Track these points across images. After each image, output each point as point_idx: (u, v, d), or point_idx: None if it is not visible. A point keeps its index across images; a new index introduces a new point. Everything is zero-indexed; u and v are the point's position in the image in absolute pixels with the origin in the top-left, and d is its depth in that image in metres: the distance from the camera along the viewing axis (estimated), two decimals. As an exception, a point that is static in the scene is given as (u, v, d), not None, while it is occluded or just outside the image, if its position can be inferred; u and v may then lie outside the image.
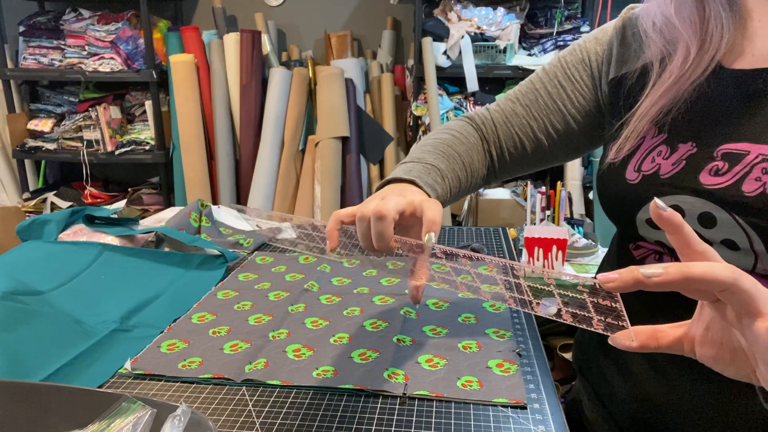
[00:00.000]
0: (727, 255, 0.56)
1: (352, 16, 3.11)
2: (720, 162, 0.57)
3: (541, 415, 0.74)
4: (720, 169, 0.57)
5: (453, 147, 0.77)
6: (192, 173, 2.78)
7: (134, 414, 0.62)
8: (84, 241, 1.24)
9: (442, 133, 0.80)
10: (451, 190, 0.74)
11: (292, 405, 0.76)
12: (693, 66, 0.62)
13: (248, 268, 1.25)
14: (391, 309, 1.03)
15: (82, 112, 2.94)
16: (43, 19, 2.93)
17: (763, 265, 0.55)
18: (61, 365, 0.83)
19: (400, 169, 0.72)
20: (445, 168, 0.73)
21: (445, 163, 0.74)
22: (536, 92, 0.80)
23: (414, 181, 0.69)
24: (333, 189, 2.69)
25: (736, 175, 0.56)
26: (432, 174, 0.71)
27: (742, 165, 0.56)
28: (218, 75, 2.82)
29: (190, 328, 0.97)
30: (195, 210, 1.44)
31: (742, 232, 0.55)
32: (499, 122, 0.82)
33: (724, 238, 0.57)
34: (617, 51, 0.73)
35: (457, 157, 0.77)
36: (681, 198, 0.59)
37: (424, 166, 0.72)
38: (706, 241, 0.55)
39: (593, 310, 0.46)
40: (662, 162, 0.62)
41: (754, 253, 0.55)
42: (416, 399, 0.77)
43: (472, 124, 0.83)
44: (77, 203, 3.00)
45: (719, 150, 0.58)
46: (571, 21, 2.67)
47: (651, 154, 0.64)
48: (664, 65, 0.65)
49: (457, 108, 2.65)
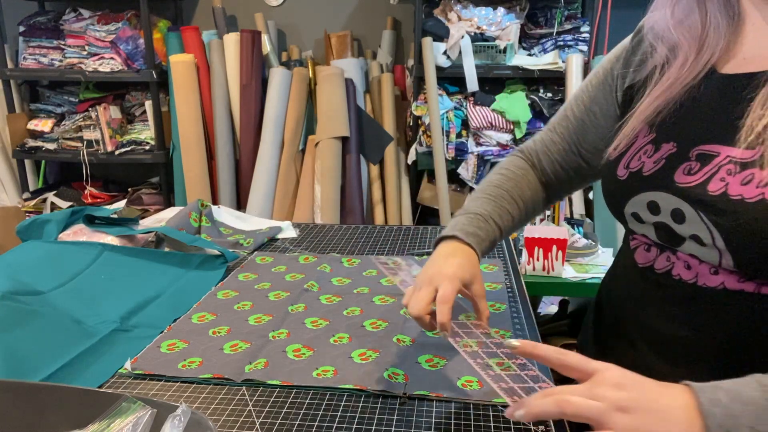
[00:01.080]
0: (697, 249, 0.60)
1: (352, 16, 3.11)
2: (694, 162, 0.61)
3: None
4: (693, 169, 0.61)
5: (500, 186, 0.86)
6: (192, 173, 2.78)
7: (134, 414, 0.62)
8: (84, 241, 1.24)
9: (493, 175, 0.89)
10: (502, 226, 0.83)
11: (292, 405, 0.76)
12: (689, 70, 0.65)
13: (248, 268, 1.25)
14: (391, 309, 1.03)
15: (82, 112, 2.94)
16: (43, 19, 2.93)
17: (726, 261, 0.58)
18: (61, 365, 0.83)
19: (449, 225, 0.83)
20: (490, 210, 0.82)
21: (491, 205, 0.83)
22: (567, 118, 0.86)
23: (455, 235, 0.79)
24: (333, 189, 2.69)
25: (705, 175, 0.59)
26: (474, 222, 0.81)
27: (711, 165, 0.59)
28: (218, 75, 2.82)
29: (190, 328, 0.97)
30: (195, 210, 1.44)
31: (706, 229, 0.58)
32: (541, 151, 0.90)
33: (692, 233, 0.60)
34: (630, 61, 0.77)
35: (505, 194, 0.85)
36: (658, 194, 0.63)
37: (467, 216, 0.82)
38: (679, 235, 0.61)
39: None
40: (646, 160, 0.66)
41: (716, 249, 0.58)
42: (416, 399, 0.77)
43: (522, 156, 0.91)
44: (77, 203, 2.99)
45: (695, 150, 0.62)
46: (571, 21, 2.67)
47: (639, 152, 0.68)
48: (664, 71, 0.69)
49: (457, 108, 2.66)
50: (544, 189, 0.91)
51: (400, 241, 1.43)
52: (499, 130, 2.64)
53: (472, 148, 2.65)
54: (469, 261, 0.77)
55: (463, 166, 2.66)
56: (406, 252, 1.35)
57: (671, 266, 0.64)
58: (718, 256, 0.59)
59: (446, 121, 2.63)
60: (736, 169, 0.57)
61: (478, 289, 0.77)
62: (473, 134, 2.67)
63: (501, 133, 2.64)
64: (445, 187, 2.66)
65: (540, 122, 2.64)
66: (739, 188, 0.56)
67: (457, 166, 2.67)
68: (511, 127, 2.63)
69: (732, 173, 0.57)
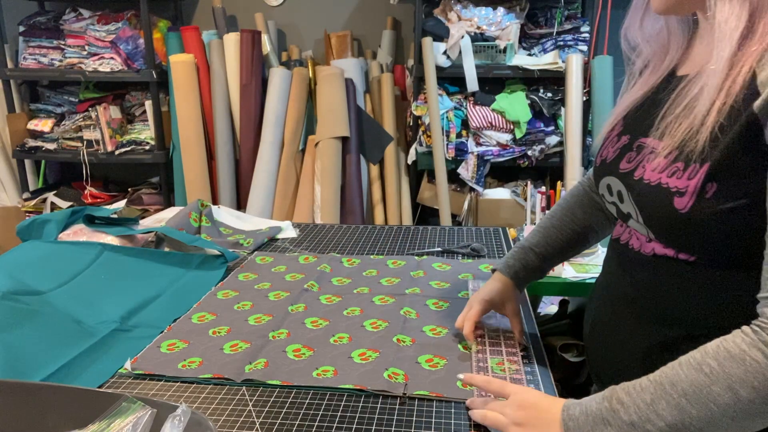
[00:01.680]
0: (634, 224, 0.74)
1: (352, 16, 3.11)
2: (634, 152, 0.73)
3: (541, 415, 0.74)
4: (631, 158, 0.73)
5: (552, 216, 0.98)
6: (192, 173, 2.78)
7: (134, 414, 0.62)
8: (84, 241, 1.24)
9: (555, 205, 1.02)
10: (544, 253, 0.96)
11: (292, 405, 0.76)
12: (653, 73, 0.77)
13: (248, 268, 1.25)
14: (391, 309, 1.03)
15: (82, 112, 2.94)
16: (43, 19, 2.93)
17: (651, 236, 0.71)
18: (61, 365, 0.83)
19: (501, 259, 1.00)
20: (535, 242, 0.97)
21: (538, 236, 0.97)
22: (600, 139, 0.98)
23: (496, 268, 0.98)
24: (333, 189, 2.69)
25: (636, 163, 0.72)
26: (516, 255, 0.97)
27: (641, 155, 0.72)
28: (218, 75, 2.82)
29: (190, 328, 0.97)
30: (195, 210, 1.44)
31: (633, 207, 0.72)
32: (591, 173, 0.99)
33: (627, 211, 0.74)
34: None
35: (555, 222, 0.97)
36: (611, 179, 0.76)
37: (513, 249, 0.99)
38: (623, 212, 0.75)
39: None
40: (611, 150, 0.78)
41: (643, 225, 0.71)
42: (416, 399, 0.77)
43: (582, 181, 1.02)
44: (77, 203, 2.99)
45: (637, 142, 0.74)
46: (571, 21, 2.66)
47: (609, 142, 0.80)
48: (643, 75, 0.80)
49: (457, 108, 2.66)
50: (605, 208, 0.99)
51: (400, 241, 1.43)
52: (499, 130, 2.63)
53: (472, 148, 2.65)
54: (503, 287, 0.94)
55: (463, 166, 2.66)
56: (406, 252, 1.35)
57: (630, 238, 0.77)
58: (645, 230, 0.71)
59: (446, 121, 2.63)
60: (651, 157, 0.69)
61: (510, 309, 0.94)
62: (473, 134, 2.68)
63: (501, 133, 2.64)
64: (445, 187, 2.66)
65: (540, 122, 2.64)
66: (649, 174, 0.68)
67: (457, 166, 2.67)
68: (511, 127, 2.63)
69: (650, 161, 0.69)
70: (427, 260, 1.28)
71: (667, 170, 0.66)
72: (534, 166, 2.68)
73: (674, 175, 0.65)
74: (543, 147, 2.63)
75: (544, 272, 0.98)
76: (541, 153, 2.64)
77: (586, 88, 2.60)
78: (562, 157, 2.64)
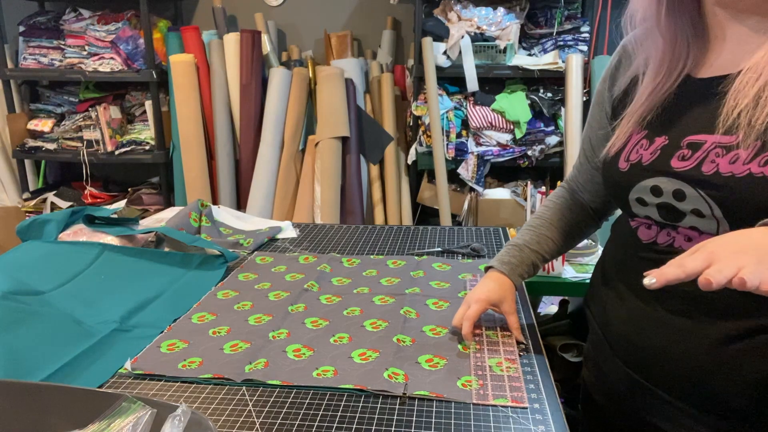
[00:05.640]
0: (697, 221, 0.73)
1: (352, 16, 3.11)
2: (686, 150, 0.73)
3: (541, 415, 0.74)
4: (686, 156, 0.73)
5: (541, 216, 1.01)
6: (192, 173, 2.78)
7: (134, 414, 0.62)
8: (84, 241, 1.24)
9: (540, 207, 1.04)
10: (539, 250, 0.98)
11: (292, 405, 0.76)
12: (664, 79, 0.79)
13: (248, 268, 1.25)
14: (391, 309, 1.03)
15: (82, 112, 2.94)
16: (43, 19, 2.93)
17: (724, 228, 0.70)
18: (61, 365, 0.83)
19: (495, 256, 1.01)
20: (527, 239, 0.99)
21: (529, 234, 0.99)
22: (584, 141, 0.99)
23: (492, 265, 0.98)
24: (333, 189, 2.69)
25: (697, 160, 0.72)
26: (510, 252, 0.98)
27: (701, 151, 0.72)
28: (218, 75, 2.82)
29: (190, 328, 0.97)
30: (195, 210, 1.44)
31: (705, 203, 0.71)
32: (575, 176, 1.03)
33: (693, 208, 0.72)
34: (615, 77, 0.90)
35: (545, 222, 1.00)
36: (659, 179, 0.75)
37: (507, 247, 1.00)
38: (680, 211, 0.73)
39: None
40: (644, 153, 0.78)
41: (715, 219, 0.71)
42: (416, 399, 0.77)
43: (565, 185, 1.06)
44: (77, 203, 2.99)
45: (685, 140, 0.74)
46: (571, 21, 2.66)
47: (636, 147, 0.80)
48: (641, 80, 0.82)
49: (457, 108, 2.66)
50: (590, 208, 1.02)
51: (400, 241, 1.43)
52: (499, 130, 2.64)
53: (472, 148, 2.65)
54: (500, 285, 0.95)
55: (463, 166, 2.66)
56: (406, 252, 1.35)
57: (672, 240, 0.76)
58: (716, 224, 0.71)
59: (446, 121, 2.63)
60: (722, 152, 0.69)
61: (507, 307, 0.95)
62: (473, 134, 2.68)
63: (501, 133, 2.64)
64: (445, 187, 2.66)
65: (540, 122, 2.64)
66: (729, 167, 0.68)
67: (457, 166, 2.67)
68: (511, 127, 2.63)
69: (720, 156, 0.69)
70: (427, 260, 1.28)
71: (756, 161, 0.66)
72: (534, 166, 2.68)
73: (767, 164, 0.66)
74: (543, 147, 2.64)
75: (537, 269, 1.00)
76: (541, 153, 2.65)
77: (586, 88, 2.60)
78: (562, 157, 2.64)
